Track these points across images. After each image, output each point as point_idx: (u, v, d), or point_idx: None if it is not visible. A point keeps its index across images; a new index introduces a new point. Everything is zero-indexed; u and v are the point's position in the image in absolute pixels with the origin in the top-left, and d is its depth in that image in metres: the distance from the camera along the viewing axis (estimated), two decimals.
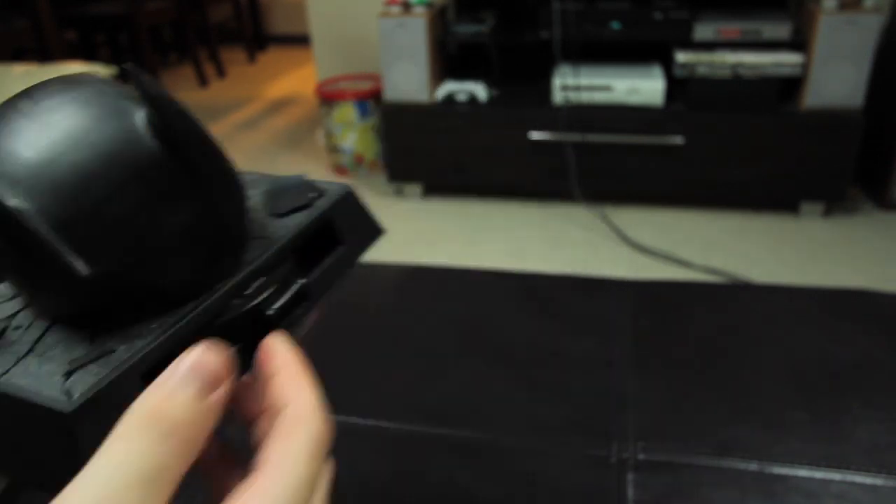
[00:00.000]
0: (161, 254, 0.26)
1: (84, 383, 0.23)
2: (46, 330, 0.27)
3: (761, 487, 0.51)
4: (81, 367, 0.24)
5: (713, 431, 0.56)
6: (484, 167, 2.21)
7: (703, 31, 2.02)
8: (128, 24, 3.25)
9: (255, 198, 0.35)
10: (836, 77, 1.93)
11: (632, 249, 1.98)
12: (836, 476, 0.51)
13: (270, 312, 0.29)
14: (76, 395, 0.23)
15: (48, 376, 0.24)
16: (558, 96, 2.09)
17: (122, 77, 0.29)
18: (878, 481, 0.51)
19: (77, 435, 0.22)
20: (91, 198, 0.25)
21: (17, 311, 0.29)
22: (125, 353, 0.25)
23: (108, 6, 3.43)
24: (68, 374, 0.24)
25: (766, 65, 1.97)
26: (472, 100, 2.17)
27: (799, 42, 1.98)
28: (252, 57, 4.26)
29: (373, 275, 0.81)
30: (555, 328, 0.69)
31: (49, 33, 2.44)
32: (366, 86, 2.48)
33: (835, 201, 2.08)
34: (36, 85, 0.27)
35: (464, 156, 2.21)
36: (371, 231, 0.38)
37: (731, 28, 2.01)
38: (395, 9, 2.13)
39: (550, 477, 0.52)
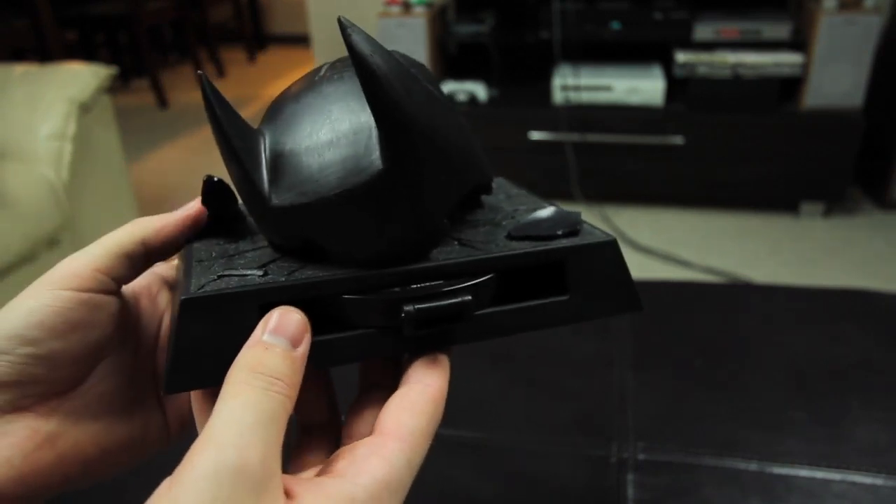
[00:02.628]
0: (343, 220, 0.28)
1: (213, 286, 0.27)
2: (258, 248, 0.31)
3: (761, 487, 0.51)
4: (228, 276, 0.28)
5: (713, 431, 0.56)
6: None
7: (703, 31, 2.02)
8: (128, 24, 3.25)
9: (519, 215, 0.34)
10: (836, 77, 1.93)
11: (632, 249, 1.98)
12: (836, 476, 0.51)
13: (408, 309, 0.27)
14: (198, 290, 0.27)
15: (209, 274, 0.28)
16: (558, 96, 2.09)
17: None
18: (878, 481, 0.51)
19: (181, 318, 0.26)
20: (304, 149, 0.29)
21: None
22: (260, 281, 0.28)
23: (108, 6, 3.43)
24: (219, 277, 0.28)
25: (766, 65, 1.97)
26: (472, 100, 2.17)
27: (799, 42, 1.98)
28: (252, 57, 4.26)
29: None
30: (555, 328, 0.69)
31: (49, 33, 2.44)
32: None
33: (835, 201, 2.08)
34: (340, 60, 0.33)
35: None
36: (623, 299, 0.32)
37: (731, 28, 2.01)
38: (395, 9, 2.13)
39: (550, 477, 0.52)
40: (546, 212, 0.33)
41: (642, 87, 2.04)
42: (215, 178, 0.31)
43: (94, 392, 0.30)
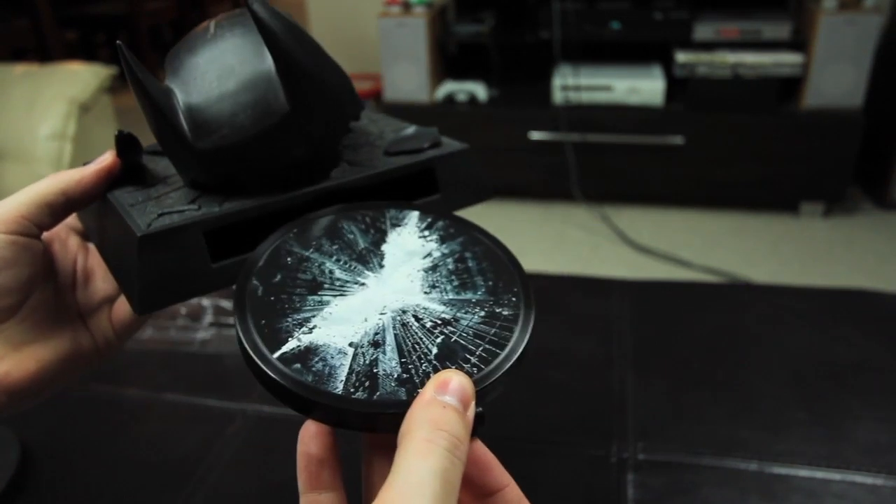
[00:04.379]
0: (261, 154, 0.34)
1: (160, 223, 0.32)
2: (176, 188, 0.36)
3: (761, 487, 0.51)
4: (168, 213, 0.33)
5: (713, 431, 0.56)
6: (484, 167, 2.21)
7: (703, 31, 2.02)
8: (128, 24, 3.25)
9: (386, 135, 0.41)
10: (836, 77, 1.93)
11: (632, 249, 1.98)
12: (836, 476, 0.51)
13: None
14: (148, 228, 0.32)
15: (149, 215, 0.33)
16: (558, 96, 2.08)
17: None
18: (878, 481, 0.51)
19: (140, 253, 0.31)
20: (215, 97, 0.34)
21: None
22: (199, 213, 0.33)
23: (108, 6, 3.43)
24: (160, 216, 0.33)
25: (766, 65, 1.97)
26: (472, 100, 2.17)
27: (799, 42, 1.98)
28: None
29: None
30: (555, 328, 0.69)
31: (49, 33, 2.44)
32: (366, 86, 2.47)
33: (835, 201, 2.08)
34: (223, 19, 0.37)
35: None
36: (479, 191, 0.41)
37: (731, 28, 2.01)
38: (395, 9, 2.13)
39: (550, 477, 0.53)
40: (410, 130, 0.41)
41: (642, 87, 2.04)
42: (125, 132, 0.36)
43: (28, 320, 0.35)
